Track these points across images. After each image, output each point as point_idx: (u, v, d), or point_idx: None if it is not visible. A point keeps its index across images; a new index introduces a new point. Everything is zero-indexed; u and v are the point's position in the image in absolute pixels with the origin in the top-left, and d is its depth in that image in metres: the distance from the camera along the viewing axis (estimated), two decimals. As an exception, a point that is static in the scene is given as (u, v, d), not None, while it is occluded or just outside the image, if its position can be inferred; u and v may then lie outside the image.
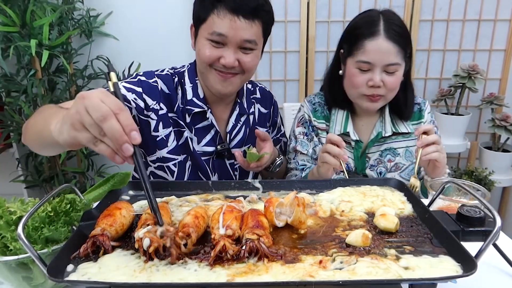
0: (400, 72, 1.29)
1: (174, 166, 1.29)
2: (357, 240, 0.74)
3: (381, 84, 1.27)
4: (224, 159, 1.35)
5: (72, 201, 0.83)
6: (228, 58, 1.13)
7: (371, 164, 1.43)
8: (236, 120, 1.34)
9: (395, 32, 1.25)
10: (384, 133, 1.39)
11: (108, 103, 0.67)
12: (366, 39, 1.25)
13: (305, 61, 2.44)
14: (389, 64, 1.25)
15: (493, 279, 0.82)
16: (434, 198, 0.92)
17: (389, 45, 1.24)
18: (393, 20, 1.27)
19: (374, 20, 1.27)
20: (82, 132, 0.68)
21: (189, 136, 1.28)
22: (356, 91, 1.32)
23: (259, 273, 0.65)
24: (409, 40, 1.30)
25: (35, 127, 0.90)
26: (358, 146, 1.41)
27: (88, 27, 2.31)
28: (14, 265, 0.72)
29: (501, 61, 2.40)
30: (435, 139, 1.16)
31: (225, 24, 1.10)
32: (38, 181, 2.34)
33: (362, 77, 1.28)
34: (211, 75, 1.19)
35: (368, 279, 0.64)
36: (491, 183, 2.20)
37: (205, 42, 1.15)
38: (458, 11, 2.34)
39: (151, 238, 0.70)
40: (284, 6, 2.35)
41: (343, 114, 1.42)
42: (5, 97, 2.16)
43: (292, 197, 0.80)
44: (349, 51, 1.31)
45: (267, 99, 1.47)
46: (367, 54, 1.25)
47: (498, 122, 2.26)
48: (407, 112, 1.40)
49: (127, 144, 0.67)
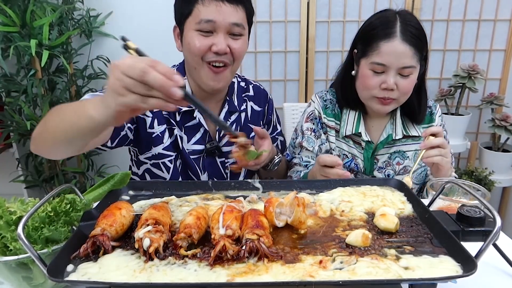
0: (414, 75, 1.26)
1: (170, 163, 1.30)
2: (357, 240, 0.74)
3: (394, 87, 1.24)
4: (215, 158, 1.35)
5: (72, 201, 0.83)
6: (220, 44, 1.14)
7: (379, 166, 1.41)
8: (225, 118, 1.34)
9: (412, 34, 1.21)
10: (394, 136, 1.38)
11: (141, 61, 0.70)
12: (382, 40, 1.22)
13: (305, 61, 2.44)
14: (404, 67, 1.22)
15: (493, 279, 0.82)
16: (434, 198, 0.92)
17: (405, 47, 1.20)
18: (410, 22, 1.23)
19: (390, 21, 1.24)
20: (128, 96, 0.70)
21: (179, 135, 1.29)
22: (369, 93, 1.29)
23: (259, 273, 0.65)
24: (425, 42, 1.26)
25: (62, 124, 0.88)
26: (368, 147, 1.40)
27: (88, 27, 2.31)
28: (14, 265, 0.72)
29: (501, 61, 2.40)
30: (439, 142, 1.14)
31: (211, 10, 1.12)
32: (38, 181, 2.34)
33: (376, 79, 1.26)
34: (203, 70, 1.19)
35: (368, 279, 0.64)
36: (491, 183, 2.20)
37: (193, 34, 1.15)
38: (458, 11, 2.33)
39: (151, 238, 0.70)
40: (284, 6, 2.35)
41: (354, 114, 1.41)
42: (5, 97, 2.16)
43: (292, 197, 0.80)
44: (364, 52, 1.28)
45: (261, 97, 1.46)
46: (382, 56, 1.22)
47: (498, 122, 2.26)
48: (420, 116, 1.38)
49: (175, 87, 0.69)
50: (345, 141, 1.43)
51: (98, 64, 2.43)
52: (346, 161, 1.42)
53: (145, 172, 1.33)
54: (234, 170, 1.08)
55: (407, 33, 1.21)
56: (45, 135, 0.94)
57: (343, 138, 1.42)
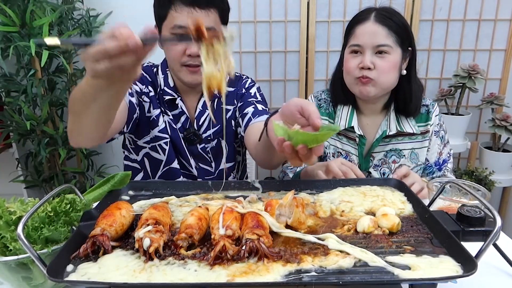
0: (392, 56, 1.29)
1: (165, 145, 1.37)
2: (365, 226, 0.78)
3: (371, 66, 1.28)
4: (196, 145, 1.40)
5: (72, 201, 0.83)
6: (192, 47, 1.21)
7: (375, 164, 1.43)
8: (203, 106, 1.39)
9: (385, 16, 1.28)
10: (388, 132, 1.38)
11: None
12: (357, 24, 1.32)
13: (305, 61, 2.43)
14: (378, 45, 1.27)
15: (493, 279, 0.82)
16: (434, 198, 0.92)
17: (378, 27, 1.28)
18: (386, 9, 1.32)
19: (367, 10, 1.33)
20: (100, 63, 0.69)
21: (167, 120, 1.37)
22: (351, 77, 1.34)
23: (259, 273, 0.65)
24: (404, 28, 1.30)
25: (79, 99, 0.88)
26: (361, 142, 1.41)
27: (88, 27, 2.30)
28: (14, 265, 0.72)
29: (501, 61, 2.40)
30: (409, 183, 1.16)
31: (183, 16, 1.18)
32: (38, 181, 2.34)
33: (354, 61, 1.32)
34: (181, 72, 1.27)
35: (368, 279, 0.64)
36: (491, 183, 2.20)
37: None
38: (458, 11, 2.33)
39: (151, 238, 0.70)
40: (284, 6, 2.35)
41: (348, 109, 1.44)
42: (5, 97, 2.16)
43: (291, 197, 0.80)
44: (345, 42, 1.37)
45: (236, 80, 1.47)
46: (357, 37, 1.31)
47: (499, 122, 2.26)
48: (412, 106, 1.39)
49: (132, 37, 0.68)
50: (339, 138, 1.45)
51: (98, 64, 2.42)
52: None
53: (144, 156, 1.40)
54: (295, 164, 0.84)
55: (380, 16, 1.29)
56: (73, 119, 0.97)
57: (336, 136, 1.45)
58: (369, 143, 1.43)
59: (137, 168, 1.42)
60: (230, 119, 1.42)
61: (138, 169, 1.42)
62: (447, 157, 1.46)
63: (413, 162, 1.43)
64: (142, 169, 1.41)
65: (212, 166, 1.43)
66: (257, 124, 1.26)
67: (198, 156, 1.42)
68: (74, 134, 1.02)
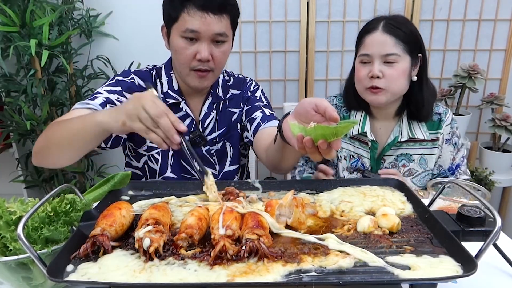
0: (401, 64, 1.30)
1: (157, 155, 1.35)
2: (365, 226, 0.78)
3: (380, 75, 1.30)
4: (201, 147, 1.38)
5: (72, 201, 0.83)
6: (203, 52, 1.19)
7: (385, 167, 1.45)
8: (208, 108, 1.37)
9: (393, 26, 1.30)
10: (400, 138, 1.41)
11: (160, 105, 0.92)
12: (366, 35, 1.34)
13: (305, 61, 2.44)
14: (386, 55, 1.29)
15: (493, 279, 0.82)
16: (434, 198, 0.92)
17: (386, 37, 1.30)
18: (394, 18, 1.33)
19: (376, 20, 1.35)
20: (137, 124, 0.92)
21: None
22: (361, 85, 1.36)
23: (259, 273, 0.65)
24: (412, 36, 1.32)
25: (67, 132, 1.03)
26: (373, 146, 1.44)
27: (88, 27, 2.31)
28: (14, 265, 0.72)
29: (501, 61, 2.40)
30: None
31: (196, 21, 1.17)
32: (38, 181, 2.34)
33: (364, 70, 1.34)
34: (189, 76, 1.26)
35: (368, 279, 0.64)
36: (492, 183, 2.20)
37: (179, 41, 1.20)
38: (458, 11, 2.33)
39: (151, 238, 0.70)
40: (284, 6, 2.35)
41: (361, 115, 1.46)
42: (5, 97, 2.16)
43: (291, 197, 0.80)
44: (356, 52, 1.40)
45: (240, 82, 1.48)
46: (366, 47, 1.33)
47: (499, 122, 2.26)
48: (424, 112, 1.40)
49: (175, 134, 0.92)
50: (351, 142, 1.48)
51: (98, 64, 2.43)
52: (353, 161, 1.47)
53: (145, 164, 1.38)
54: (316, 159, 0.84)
55: (389, 25, 1.31)
56: (49, 146, 1.05)
57: (349, 140, 1.48)
58: (381, 147, 1.45)
59: (139, 174, 1.41)
60: (235, 122, 1.41)
61: (140, 176, 1.41)
62: (461, 160, 1.48)
63: (421, 167, 1.45)
64: (144, 176, 1.41)
65: (216, 168, 1.42)
66: (266, 129, 1.29)
67: (202, 159, 1.39)
68: (44, 156, 1.06)
